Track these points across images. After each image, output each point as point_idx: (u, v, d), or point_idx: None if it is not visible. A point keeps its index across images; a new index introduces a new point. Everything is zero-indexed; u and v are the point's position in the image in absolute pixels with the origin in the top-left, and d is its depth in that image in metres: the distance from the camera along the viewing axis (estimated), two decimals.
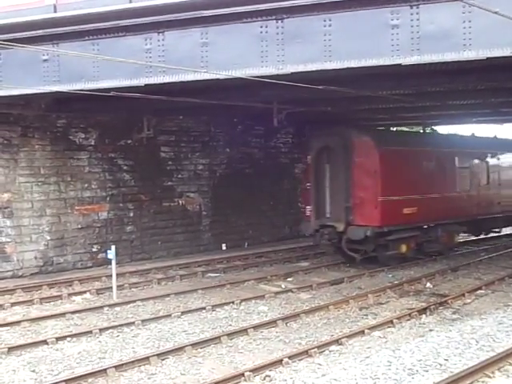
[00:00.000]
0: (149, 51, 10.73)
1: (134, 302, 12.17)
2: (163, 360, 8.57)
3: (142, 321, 10.53)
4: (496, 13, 7.35)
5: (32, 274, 14.96)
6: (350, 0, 9.22)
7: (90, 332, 9.91)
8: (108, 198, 16.77)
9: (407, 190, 15.51)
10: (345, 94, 12.42)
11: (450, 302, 11.72)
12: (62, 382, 7.64)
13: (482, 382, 7.28)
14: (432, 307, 11.20)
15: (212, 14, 10.02)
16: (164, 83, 10.85)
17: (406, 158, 15.86)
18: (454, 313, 11.07)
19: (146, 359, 8.49)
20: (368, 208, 14.79)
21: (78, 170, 16.16)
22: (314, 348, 8.74)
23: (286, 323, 10.53)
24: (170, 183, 18.23)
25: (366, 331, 9.72)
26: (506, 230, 21.69)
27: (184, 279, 14.62)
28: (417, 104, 15.56)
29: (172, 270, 15.75)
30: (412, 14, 9.06)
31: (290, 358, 8.35)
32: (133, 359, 8.49)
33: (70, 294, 12.91)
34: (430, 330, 9.74)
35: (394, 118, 21.44)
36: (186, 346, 9.04)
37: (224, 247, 19.01)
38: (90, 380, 7.84)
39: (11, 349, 9.08)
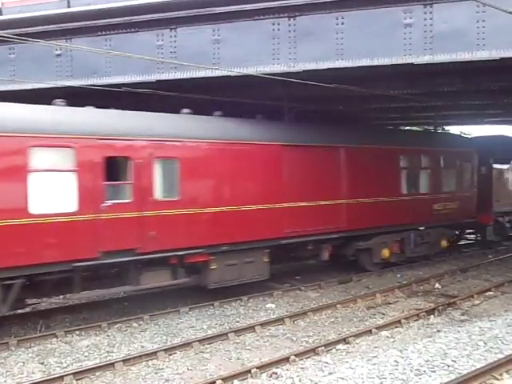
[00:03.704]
0: (161, 47, 10.79)
1: (143, 296, 12.21)
2: (171, 355, 8.62)
3: (150, 316, 10.59)
4: (510, 13, 7.30)
5: None
6: None
7: (99, 326, 9.98)
8: None
9: None
10: (356, 93, 12.39)
11: (458, 302, 11.66)
12: (70, 374, 7.70)
13: None
14: (440, 308, 11.15)
15: (224, 11, 10.06)
16: (176, 79, 10.89)
17: None
18: (462, 314, 11.02)
19: (153, 354, 8.54)
20: None
21: None
22: (321, 346, 8.74)
23: (294, 321, 10.54)
24: None
25: (374, 331, 9.70)
26: None
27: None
28: (428, 104, 15.49)
29: None
30: (425, 13, 9.04)
31: (296, 355, 8.36)
32: (140, 354, 8.54)
33: None
34: (438, 331, 9.70)
35: (406, 117, 21.35)
36: (194, 341, 9.08)
37: None
38: (97, 373, 7.90)
39: (20, 341, 9.18)
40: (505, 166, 19.79)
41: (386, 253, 14.76)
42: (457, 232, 18.72)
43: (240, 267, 11.76)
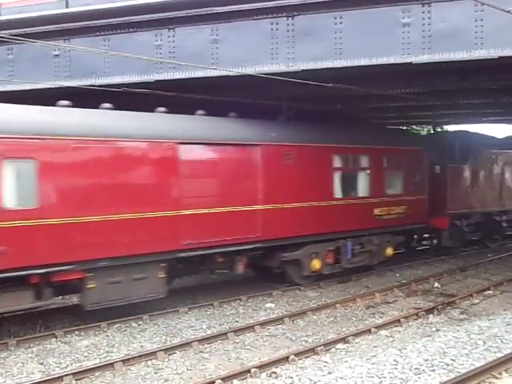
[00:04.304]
0: (159, 47, 10.79)
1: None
2: (170, 355, 8.63)
3: (150, 316, 10.59)
4: (508, 12, 7.32)
5: None
6: None
7: (98, 326, 9.98)
8: None
9: None
10: (354, 92, 12.38)
11: (457, 302, 11.67)
12: (69, 374, 7.70)
13: (489, 382, 7.25)
14: (439, 307, 11.16)
15: (223, 11, 10.07)
16: (174, 79, 10.89)
17: None
18: (461, 313, 11.03)
19: (153, 354, 8.54)
20: None
21: None
22: (320, 346, 8.74)
23: (293, 320, 10.55)
24: None
25: (373, 330, 9.71)
26: None
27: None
28: (427, 103, 15.49)
29: None
30: (423, 13, 9.05)
31: (296, 355, 8.37)
32: (140, 354, 8.54)
33: None
34: (437, 330, 9.71)
35: (404, 116, 21.35)
36: (193, 341, 9.08)
37: None
38: (97, 373, 7.90)
39: (20, 341, 9.17)
40: (463, 165, 17.89)
41: (316, 264, 12.93)
42: (415, 237, 17.31)
43: (127, 285, 10.07)
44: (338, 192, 13.59)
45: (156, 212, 10.31)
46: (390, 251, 14.94)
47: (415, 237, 17.51)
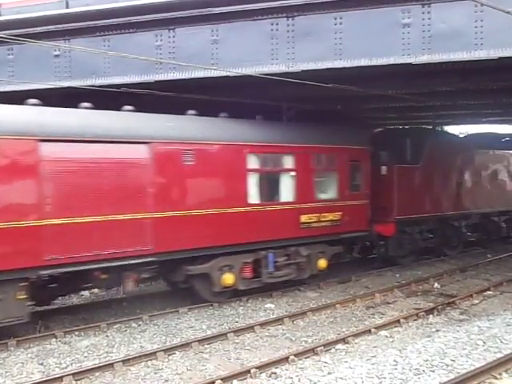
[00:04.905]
0: (159, 48, 10.80)
1: (142, 297, 12.23)
2: (170, 355, 8.63)
3: (150, 316, 10.59)
4: (508, 13, 7.33)
5: None
6: None
7: (98, 326, 9.98)
8: None
9: None
10: (354, 93, 12.39)
11: (457, 302, 11.68)
12: (69, 375, 7.70)
13: (489, 383, 7.25)
14: (439, 307, 11.16)
15: (223, 12, 10.09)
16: (174, 80, 10.90)
17: None
18: (461, 313, 11.03)
19: (152, 354, 8.54)
20: None
21: None
22: (320, 346, 8.74)
23: (293, 321, 10.55)
24: None
25: (373, 330, 9.71)
26: None
27: None
28: (427, 103, 15.50)
29: None
30: (423, 13, 9.07)
31: (296, 355, 8.37)
32: (140, 354, 8.54)
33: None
34: (437, 331, 9.71)
35: (404, 117, 21.36)
36: (193, 341, 9.08)
37: None
38: (97, 374, 7.90)
39: (20, 342, 9.17)
40: (415, 165, 16.07)
41: (228, 279, 11.32)
42: (366, 243, 15.46)
43: None
44: (253, 197, 11.85)
45: (7, 222, 8.70)
46: (323, 263, 13.18)
47: (367, 244, 15.71)
